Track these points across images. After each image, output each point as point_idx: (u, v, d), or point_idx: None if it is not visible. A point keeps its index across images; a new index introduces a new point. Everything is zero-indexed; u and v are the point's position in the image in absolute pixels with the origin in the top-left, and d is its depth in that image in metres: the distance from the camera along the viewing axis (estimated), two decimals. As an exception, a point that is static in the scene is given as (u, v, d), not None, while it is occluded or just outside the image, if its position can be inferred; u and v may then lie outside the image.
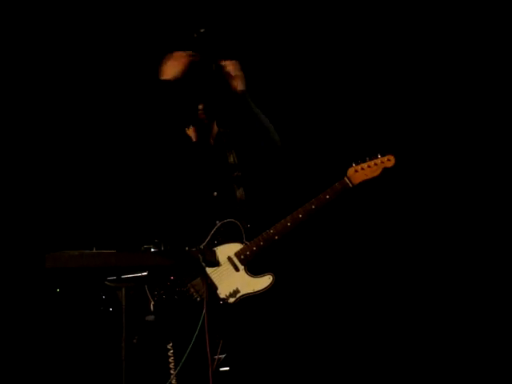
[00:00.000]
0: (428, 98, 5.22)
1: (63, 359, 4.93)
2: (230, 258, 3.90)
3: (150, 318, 3.74)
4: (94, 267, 3.10)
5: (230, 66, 4.01)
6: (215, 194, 4.00)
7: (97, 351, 4.84)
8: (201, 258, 3.19)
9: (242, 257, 3.89)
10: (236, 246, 3.92)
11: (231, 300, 3.84)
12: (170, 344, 3.69)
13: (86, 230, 4.88)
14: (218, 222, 3.93)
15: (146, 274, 3.53)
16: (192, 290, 3.81)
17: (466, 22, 5.14)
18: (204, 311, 3.24)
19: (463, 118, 5.19)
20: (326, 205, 3.92)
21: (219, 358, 3.74)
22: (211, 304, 3.70)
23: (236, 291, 3.86)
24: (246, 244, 3.91)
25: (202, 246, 3.84)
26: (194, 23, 4.15)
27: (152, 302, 3.76)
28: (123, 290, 3.17)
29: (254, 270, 3.90)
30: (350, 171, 3.97)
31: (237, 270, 3.88)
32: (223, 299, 3.83)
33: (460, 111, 5.19)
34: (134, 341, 3.63)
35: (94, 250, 3.13)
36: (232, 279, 3.87)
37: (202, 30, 3.96)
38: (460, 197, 5.18)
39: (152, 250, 3.16)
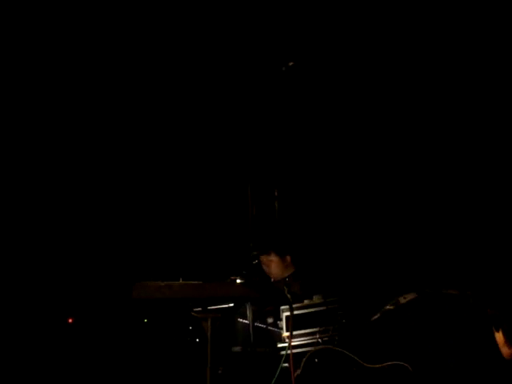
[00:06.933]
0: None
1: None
2: None
3: (237, 349, 3.74)
4: (180, 298, 3.13)
5: None
6: None
7: (183, 381, 4.86)
8: (286, 289, 3.19)
9: None
10: None
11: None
12: None
13: (172, 261, 4.94)
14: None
15: (232, 305, 3.55)
16: None
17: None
18: (289, 343, 3.23)
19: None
20: None
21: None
22: None
23: None
24: None
25: None
26: (281, 57, 4.16)
27: None
28: (209, 320, 3.19)
29: None
30: None
31: None
32: None
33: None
34: (220, 371, 3.63)
35: (181, 281, 3.16)
36: None
37: (291, 64, 3.94)
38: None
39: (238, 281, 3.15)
